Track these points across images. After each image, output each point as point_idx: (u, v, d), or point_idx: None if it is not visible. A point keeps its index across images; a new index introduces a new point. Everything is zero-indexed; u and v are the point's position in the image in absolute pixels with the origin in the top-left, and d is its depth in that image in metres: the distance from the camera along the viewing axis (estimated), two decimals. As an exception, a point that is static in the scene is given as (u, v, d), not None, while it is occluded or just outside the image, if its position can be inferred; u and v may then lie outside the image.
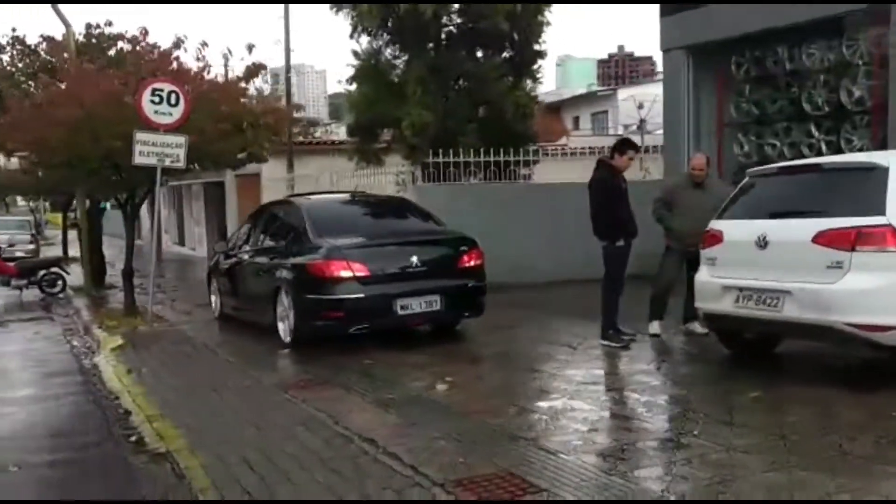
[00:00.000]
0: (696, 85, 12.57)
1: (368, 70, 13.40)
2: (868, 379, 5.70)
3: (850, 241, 5.23)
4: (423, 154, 12.04)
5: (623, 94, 30.31)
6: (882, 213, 5.23)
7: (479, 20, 12.49)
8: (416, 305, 7.73)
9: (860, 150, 10.32)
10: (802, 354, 6.59)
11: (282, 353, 8.07)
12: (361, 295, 7.57)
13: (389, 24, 12.73)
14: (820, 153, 10.84)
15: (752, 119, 11.93)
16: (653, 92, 24.19)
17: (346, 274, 7.58)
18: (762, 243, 5.72)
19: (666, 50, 12.89)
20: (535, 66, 13.43)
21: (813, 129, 10.99)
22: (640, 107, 20.27)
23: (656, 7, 13.04)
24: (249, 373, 7.19)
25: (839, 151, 10.57)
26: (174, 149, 10.19)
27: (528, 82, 13.39)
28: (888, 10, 9.62)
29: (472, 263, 8.14)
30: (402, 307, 7.66)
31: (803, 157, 10.97)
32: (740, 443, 4.41)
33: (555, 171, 14.30)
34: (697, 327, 7.66)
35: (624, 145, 7.82)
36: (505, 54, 13.41)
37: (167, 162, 10.23)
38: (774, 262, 5.65)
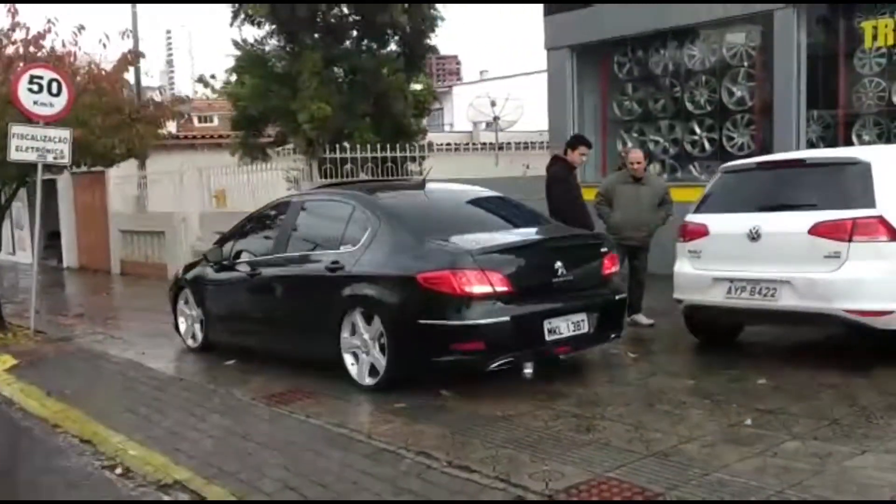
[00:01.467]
0: (580, 83, 12.98)
1: (255, 60, 12.63)
2: (844, 358, 6.08)
3: (847, 232, 5.56)
4: (322, 149, 11.54)
5: (459, 90, 30.83)
6: (872, 205, 5.61)
7: (375, 13, 12.14)
8: (565, 327, 5.76)
9: (741, 147, 11.12)
10: (762, 341, 6.95)
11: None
12: (506, 318, 5.50)
13: (278, 14, 12.06)
14: (703, 150, 11.58)
15: (635, 117, 12.48)
16: (485, 90, 24.80)
17: (483, 289, 5.46)
18: (755, 236, 5.95)
19: (550, 48, 13.19)
20: (426, 62, 13.29)
21: (695, 127, 11.67)
22: (494, 104, 20.67)
23: (539, 6, 13.30)
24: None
25: (721, 149, 11.32)
26: (57, 143, 9.04)
27: (421, 76, 13.23)
28: (771, 15, 10.40)
29: (615, 269, 6.42)
30: (549, 331, 5.68)
31: (687, 154, 11.67)
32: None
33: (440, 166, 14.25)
34: (643, 319, 7.89)
35: (576, 141, 7.94)
36: (399, 48, 13.13)
37: (49, 158, 9.06)
38: (768, 253, 5.89)
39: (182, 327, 8.12)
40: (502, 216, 6.82)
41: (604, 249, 6.30)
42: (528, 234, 6.43)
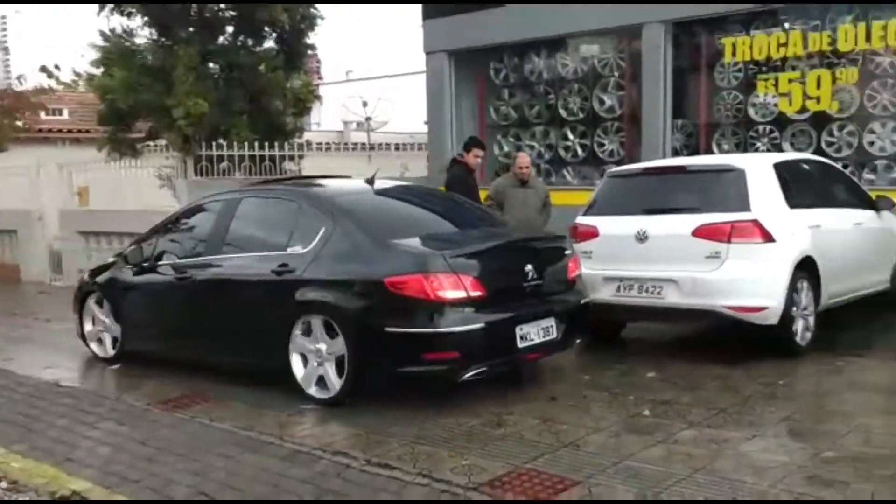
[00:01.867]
0: (458, 87, 13.19)
1: (124, 52, 12.02)
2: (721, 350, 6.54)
3: (726, 234, 6.00)
4: (198, 146, 11.16)
5: (325, 89, 30.50)
6: (748, 209, 6.08)
7: (254, 10, 11.86)
8: (535, 333, 5.48)
9: (611, 153, 11.69)
10: (646, 337, 7.36)
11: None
12: (481, 324, 5.17)
13: (149, 6, 11.55)
14: (576, 156, 12.05)
15: (512, 122, 12.84)
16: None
17: (457, 294, 5.11)
18: (642, 237, 6.30)
19: (428, 52, 13.34)
20: (305, 60, 13.11)
21: (569, 133, 12.13)
22: (366, 104, 20.65)
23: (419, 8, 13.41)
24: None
25: (593, 155, 11.85)
26: None
27: (299, 75, 13.03)
28: (640, 29, 10.99)
29: (578, 272, 6.14)
30: (521, 337, 5.40)
31: (560, 159, 12.12)
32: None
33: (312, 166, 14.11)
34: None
35: (470, 143, 8.12)
36: (278, 45, 12.88)
37: None
38: (655, 254, 6.25)
39: (90, 336, 7.38)
40: (457, 216, 6.50)
41: (568, 252, 6.05)
42: (494, 235, 6.10)
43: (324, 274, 5.50)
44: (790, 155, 8.39)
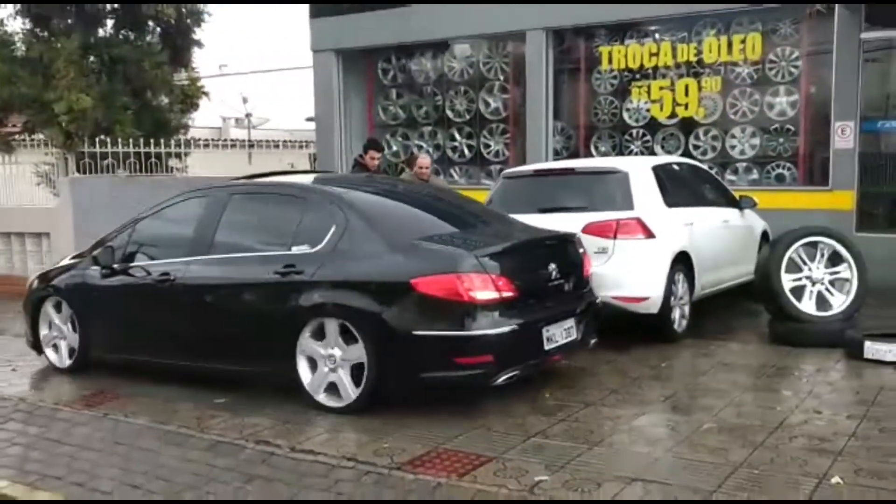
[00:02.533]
0: (346, 86, 13.38)
1: (-3, 43, 11.48)
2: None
3: (612, 231, 6.53)
4: (81, 142, 10.83)
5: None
6: (631, 208, 6.63)
7: (138, 4, 11.60)
8: (559, 335, 5.33)
9: (496, 154, 12.21)
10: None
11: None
12: (514, 326, 4.96)
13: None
14: (462, 156, 12.51)
15: (400, 122, 13.15)
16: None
17: (490, 295, 4.88)
18: (536, 234, 6.76)
19: (316, 51, 13.46)
20: (191, 56, 12.92)
21: (456, 134, 12.56)
22: (246, 100, 20.42)
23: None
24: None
25: (479, 154, 12.34)
26: None
27: (185, 71, 12.81)
28: (524, 35, 11.53)
29: (590, 270, 6.01)
30: (547, 339, 5.24)
31: (448, 158, 12.53)
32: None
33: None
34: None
35: (368, 145, 8.39)
36: (163, 40, 12.61)
37: None
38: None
39: (45, 341, 6.74)
40: (464, 213, 6.23)
41: (581, 250, 5.90)
42: (514, 232, 5.83)
43: (338, 275, 5.17)
44: (666, 158, 9.10)
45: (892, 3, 8.86)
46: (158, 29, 12.65)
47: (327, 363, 5.20)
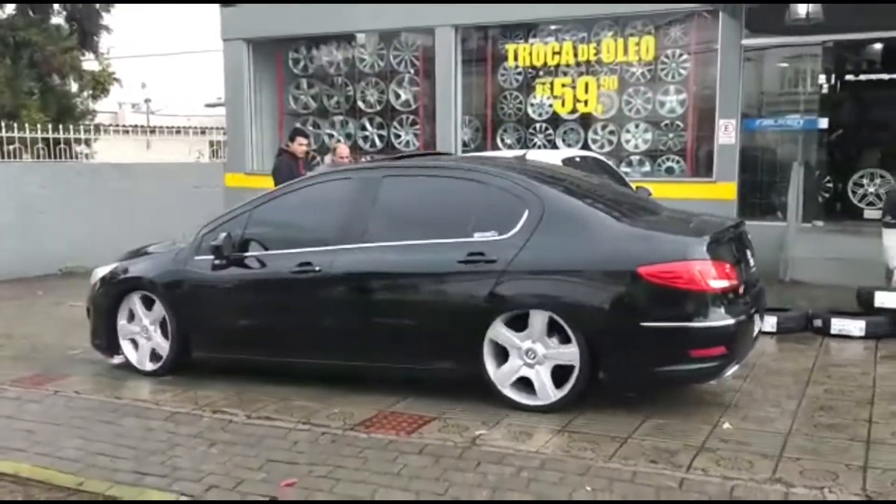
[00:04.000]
0: (256, 75, 13.56)
1: None
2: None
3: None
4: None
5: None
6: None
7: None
8: (757, 324, 5.17)
9: (407, 144, 12.69)
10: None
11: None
12: (744, 315, 4.79)
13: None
14: (374, 145, 12.92)
15: (311, 111, 13.43)
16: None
17: (722, 283, 4.64)
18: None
19: (226, 39, 13.56)
20: (99, 41, 12.73)
21: (367, 124, 12.96)
22: (144, 86, 20.11)
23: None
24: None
25: (390, 145, 12.78)
26: None
27: (94, 56, 12.62)
28: (434, 31, 12.04)
29: None
30: (757, 328, 5.15)
31: (360, 148, 12.91)
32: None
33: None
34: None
35: (295, 133, 8.72)
36: (70, 24, 12.39)
37: None
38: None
39: (128, 344, 6.03)
40: (635, 199, 6.02)
41: (751, 236, 5.65)
42: (697, 219, 5.48)
43: (543, 263, 4.80)
44: (573, 151, 9.79)
45: (770, 13, 9.87)
46: (64, 13, 12.43)
47: (524, 357, 4.86)
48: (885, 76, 12.89)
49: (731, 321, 4.65)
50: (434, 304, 5.10)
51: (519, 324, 4.88)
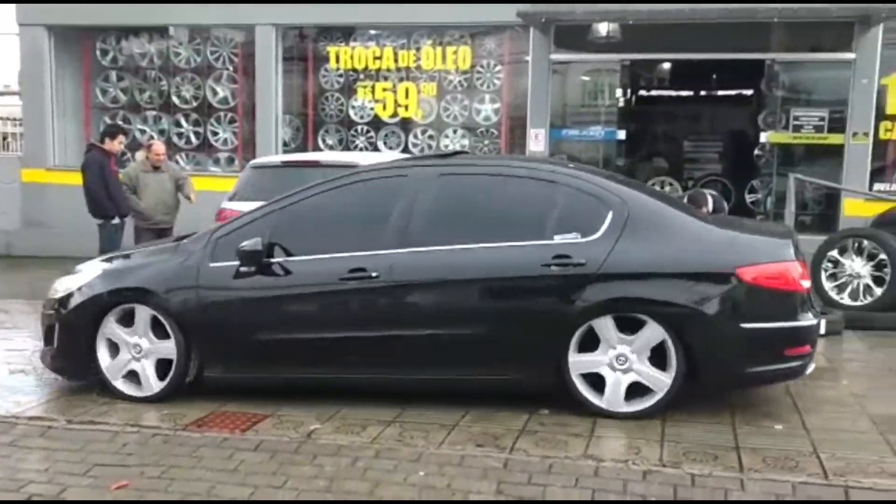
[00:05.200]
0: (59, 65, 12.79)
1: None
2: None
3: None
4: None
5: None
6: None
7: None
8: None
9: (225, 142, 12.47)
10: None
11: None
12: (819, 316, 4.98)
13: None
14: (189, 142, 12.58)
15: (121, 105, 12.84)
16: None
17: (807, 283, 4.81)
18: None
19: (23, 24, 12.70)
20: None
21: (182, 121, 12.59)
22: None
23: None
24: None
25: (206, 142, 12.51)
26: None
27: None
28: (254, 28, 11.92)
29: None
30: None
31: (174, 145, 12.52)
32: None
33: None
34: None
35: (116, 131, 8.43)
36: None
37: None
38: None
39: (112, 372, 5.21)
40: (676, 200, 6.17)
41: None
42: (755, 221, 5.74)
43: (637, 266, 4.67)
44: (396, 155, 10.06)
45: (576, 31, 10.66)
46: None
47: (616, 363, 4.72)
48: (674, 93, 14.27)
49: (815, 320, 4.77)
50: (515, 310, 4.80)
51: (618, 327, 4.72)
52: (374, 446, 4.39)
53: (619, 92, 11.48)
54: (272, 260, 5.00)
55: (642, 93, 13.87)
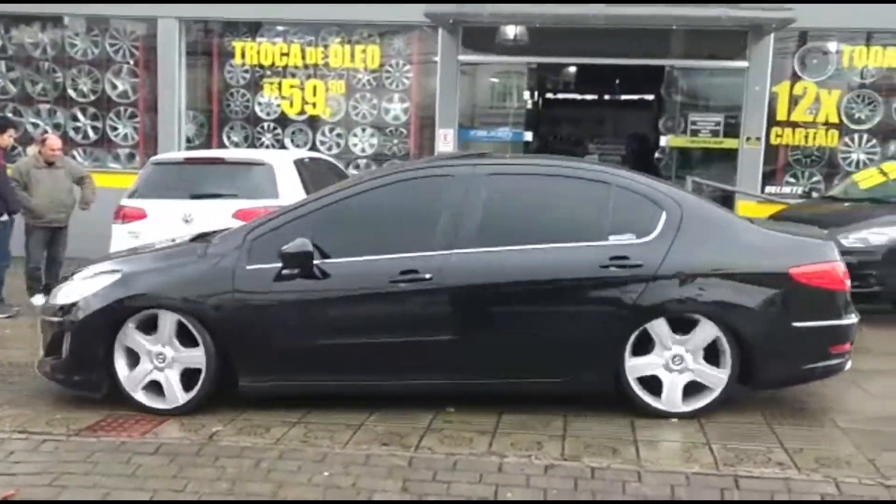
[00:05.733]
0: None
1: None
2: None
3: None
4: None
5: None
6: (277, 196, 7.33)
7: None
8: None
9: (125, 137, 12.06)
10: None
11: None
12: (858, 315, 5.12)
13: None
14: (86, 137, 12.12)
15: (10, 96, 12.24)
16: None
17: (849, 283, 5.01)
18: (188, 219, 7.14)
19: None
20: None
21: (79, 115, 12.11)
22: None
23: None
24: None
25: (104, 137, 12.07)
26: None
27: None
28: (156, 21, 11.57)
29: None
30: None
31: (71, 140, 12.01)
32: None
33: None
34: (39, 299, 8.16)
35: (5, 124, 8.02)
36: None
37: None
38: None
39: (131, 383, 4.88)
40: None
41: None
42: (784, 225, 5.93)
43: (695, 267, 4.74)
44: (303, 153, 9.94)
45: (484, 32, 10.78)
46: None
47: (673, 364, 4.78)
48: (580, 96, 14.62)
49: (855, 319, 4.97)
50: (571, 313, 4.79)
51: (668, 330, 4.77)
52: (279, 447, 4.34)
53: (526, 94, 11.67)
54: (324, 261, 4.78)
55: (550, 96, 14.17)
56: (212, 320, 4.74)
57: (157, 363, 4.84)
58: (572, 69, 13.63)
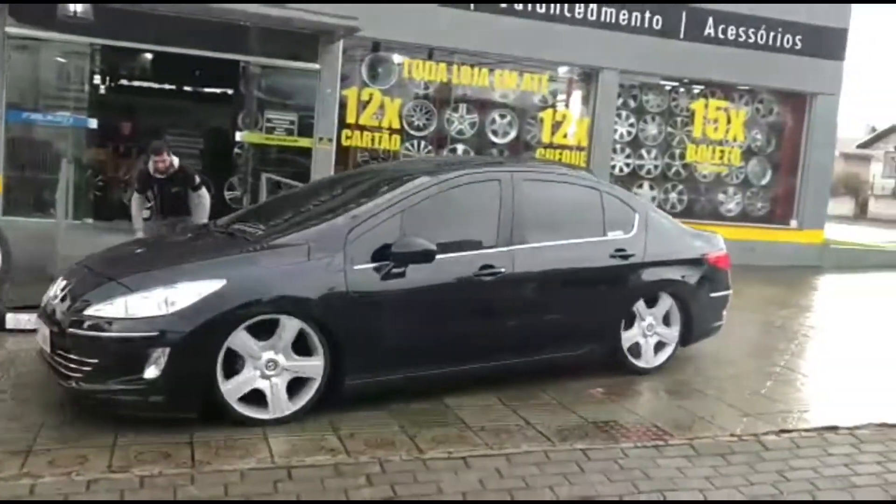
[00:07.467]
0: None
1: None
2: None
3: None
4: None
5: None
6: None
7: None
8: None
9: None
10: None
11: None
12: None
13: None
14: None
15: None
16: None
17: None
18: None
19: None
20: None
21: None
22: None
23: None
24: None
25: None
26: None
27: None
28: None
29: None
30: None
31: None
32: None
33: None
34: None
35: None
36: None
37: None
38: None
39: (231, 394, 4.52)
40: None
41: None
42: None
43: (661, 255, 6.14)
44: None
45: (39, 5, 9.68)
46: None
47: (647, 331, 6.17)
48: (156, 85, 13.91)
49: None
50: (594, 295, 5.91)
51: (649, 303, 6.17)
52: None
53: (97, 78, 10.77)
54: (439, 256, 5.04)
55: (122, 82, 13.24)
56: (331, 325, 4.76)
57: (267, 371, 4.63)
58: (149, 56, 12.89)
